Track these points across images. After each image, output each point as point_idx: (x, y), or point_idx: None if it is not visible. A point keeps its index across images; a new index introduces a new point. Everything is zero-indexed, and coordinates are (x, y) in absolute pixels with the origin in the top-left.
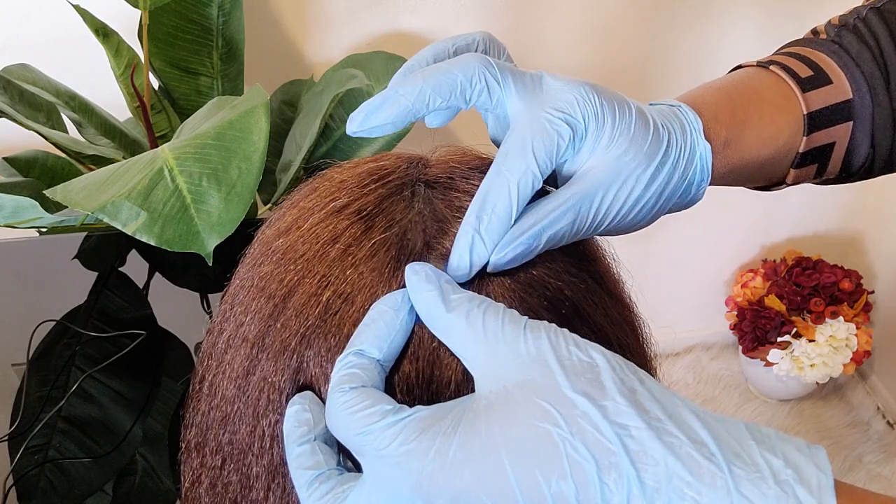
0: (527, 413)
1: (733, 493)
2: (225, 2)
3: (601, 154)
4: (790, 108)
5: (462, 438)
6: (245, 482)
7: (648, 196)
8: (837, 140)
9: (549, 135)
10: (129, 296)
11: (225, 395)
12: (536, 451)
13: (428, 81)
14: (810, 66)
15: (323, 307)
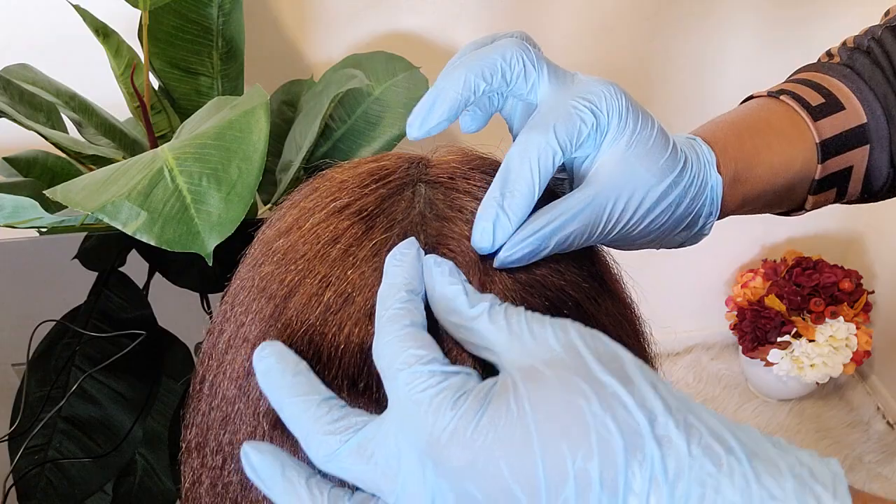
0: (558, 387)
1: (753, 486)
2: (225, 2)
3: (619, 155)
4: (802, 138)
5: (493, 407)
6: (245, 482)
7: (658, 212)
8: (855, 164)
9: (573, 118)
10: (129, 296)
11: (225, 396)
12: (565, 426)
13: (471, 69)
14: (821, 93)
15: (324, 307)
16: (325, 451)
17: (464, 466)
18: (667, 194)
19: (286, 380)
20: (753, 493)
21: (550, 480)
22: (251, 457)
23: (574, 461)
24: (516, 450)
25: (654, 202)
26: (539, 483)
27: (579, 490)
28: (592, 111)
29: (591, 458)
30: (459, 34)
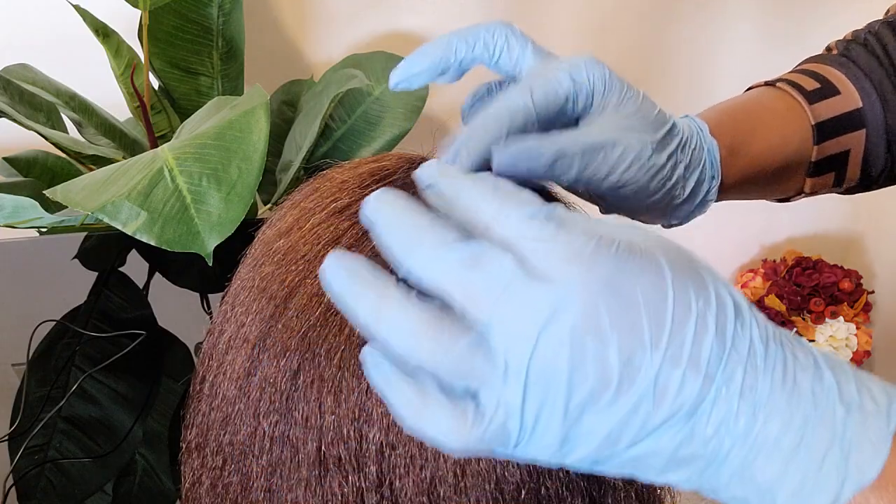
0: (673, 251)
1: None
2: (225, 2)
3: (610, 112)
4: (797, 119)
5: (628, 245)
6: (245, 483)
7: (661, 162)
8: (852, 148)
9: (549, 80)
10: (129, 296)
11: (226, 396)
12: (691, 273)
13: (454, 34)
14: (817, 80)
15: (325, 308)
16: (431, 253)
17: (602, 281)
18: (663, 147)
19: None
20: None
21: (676, 316)
22: (338, 261)
23: (697, 304)
24: (651, 280)
25: (653, 150)
26: (666, 316)
27: (697, 332)
28: (571, 76)
29: (710, 306)
30: None
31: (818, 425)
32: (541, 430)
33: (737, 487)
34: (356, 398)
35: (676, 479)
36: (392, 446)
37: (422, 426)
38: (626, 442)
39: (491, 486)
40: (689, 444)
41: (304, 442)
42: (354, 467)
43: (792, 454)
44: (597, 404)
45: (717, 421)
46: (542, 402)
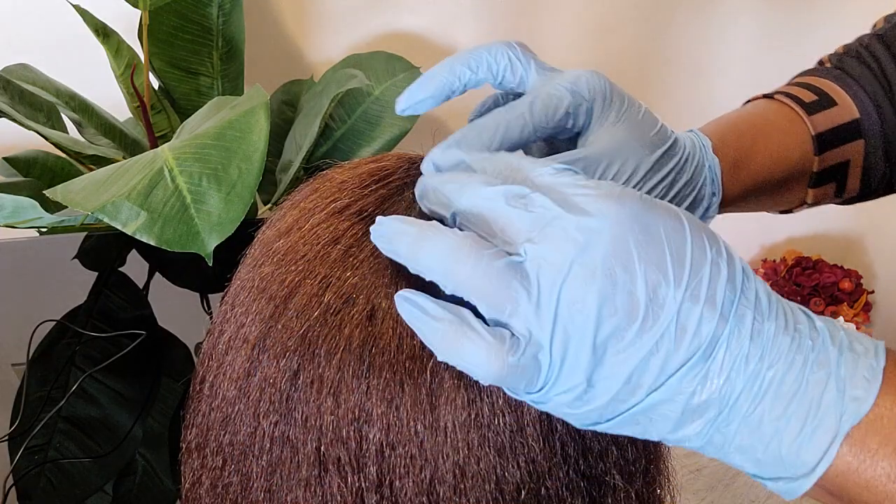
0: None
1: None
2: (225, 2)
3: (608, 129)
4: (798, 131)
5: (647, 198)
6: (245, 483)
7: (654, 182)
8: (851, 158)
9: (550, 96)
10: (129, 296)
11: (226, 397)
12: (702, 226)
13: (457, 59)
14: (814, 92)
15: (324, 308)
16: (479, 190)
17: (631, 215)
18: (661, 166)
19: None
20: (815, 321)
21: (695, 257)
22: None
23: (711, 250)
24: (672, 223)
25: (647, 171)
26: (686, 255)
27: (712, 274)
28: (571, 91)
29: (721, 255)
30: (459, 34)
31: (816, 365)
32: (567, 368)
33: (744, 436)
34: (356, 399)
35: (689, 433)
36: (392, 446)
37: (457, 351)
38: (646, 387)
39: (491, 487)
40: (703, 390)
41: (304, 442)
42: (354, 468)
43: (794, 394)
44: (622, 340)
45: (730, 363)
46: (571, 334)
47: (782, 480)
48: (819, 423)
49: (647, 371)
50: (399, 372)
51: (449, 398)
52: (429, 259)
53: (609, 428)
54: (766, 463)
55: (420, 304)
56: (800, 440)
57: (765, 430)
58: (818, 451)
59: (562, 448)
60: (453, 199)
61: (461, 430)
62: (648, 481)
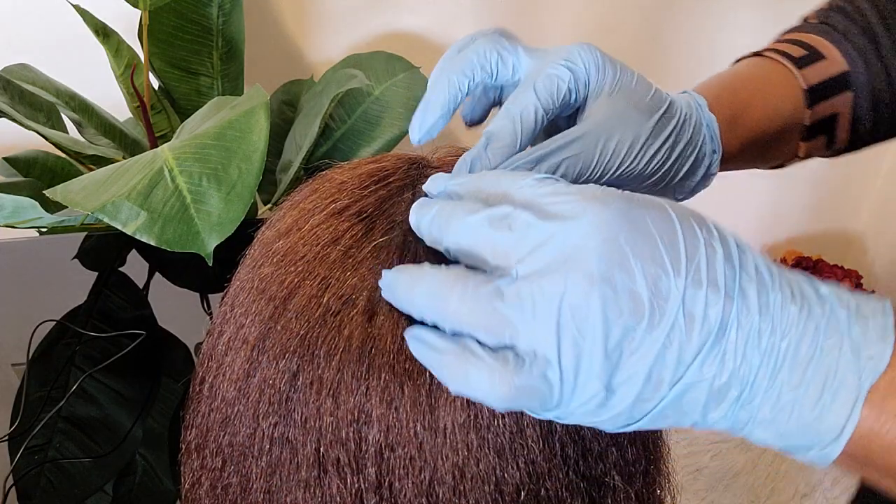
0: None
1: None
2: (225, 2)
3: (604, 100)
4: (789, 85)
5: (628, 194)
6: (245, 484)
7: (656, 147)
8: (841, 110)
9: (550, 76)
10: (129, 296)
11: (225, 397)
12: (687, 210)
13: (452, 72)
14: (803, 47)
15: (324, 309)
16: (461, 220)
17: (618, 214)
18: (660, 130)
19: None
20: (819, 286)
21: (688, 243)
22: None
23: (701, 232)
24: (658, 213)
25: (648, 136)
26: (679, 243)
27: (708, 256)
28: (568, 66)
29: (713, 234)
30: (459, 34)
31: (828, 331)
32: (583, 379)
33: (766, 410)
34: (355, 400)
35: (716, 417)
36: (391, 448)
37: (466, 381)
38: (668, 381)
39: (490, 488)
40: (722, 372)
41: (304, 443)
42: (353, 469)
43: (809, 361)
44: (633, 340)
45: (744, 340)
46: (580, 345)
47: (813, 450)
48: (839, 386)
49: (665, 365)
50: (399, 373)
51: (448, 399)
52: (420, 300)
53: (642, 426)
54: (793, 434)
55: (425, 340)
56: (821, 405)
57: (786, 400)
58: (842, 415)
59: (561, 449)
60: (442, 236)
61: (460, 431)
62: (648, 482)
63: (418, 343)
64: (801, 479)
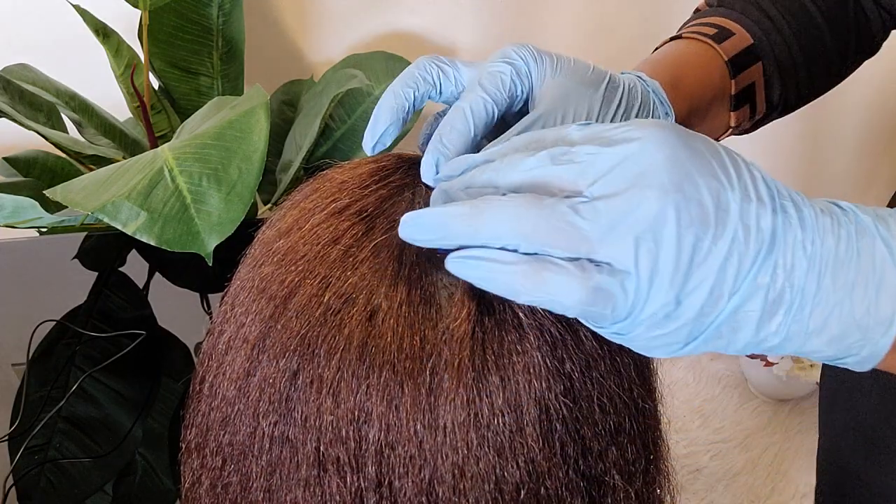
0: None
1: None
2: (225, 2)
3: (549, 83)
4: (713, 58)
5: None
6: (245, 483)
7: (611, 116)
8: (756, 79)
9: (492, 73)
10: (129, 296)
11: (225, 397)
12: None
13: (395, 85)
14: (712, 27)
15: (324, 308)
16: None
17: (674, 134)
18: (610, 99)
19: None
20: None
21: (731, 164)
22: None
23: (738, 157)
24: (702, 138)
25: (600, 106)
26: (727, 163)
27: (751, 176)
28: (506, 62)
29: (745, 161)
30: (459, 34)
31: (860, 234)
32: (657, 287)
33: (816, 317)
34: (355, 399)
35: (770, 331)
36: (391, 446)
37: (540, 286)
38: (727, 293)
39: (490, 487)
40: (776, 282)
41: (304, 442)
42: (353, 467)
43: (850, 262)
44: (701, 250)
45: (791, 249)
46: (656, 255)
47: (865, 348)
48: (882, 279)
49: (726, 276)
50: (399, 372)
51: (448, 398)
52: (492, 226)
53: (694, 349)
54: (843, 335)
55: (485, 256)
56: (867, 301)
57: (834, 301)
58: (889, 305)
59: (561, 448)
60: (497, 181)
61: (460, 430)
62: (648, 481)
63: (477, 262)
64: (801, 479)
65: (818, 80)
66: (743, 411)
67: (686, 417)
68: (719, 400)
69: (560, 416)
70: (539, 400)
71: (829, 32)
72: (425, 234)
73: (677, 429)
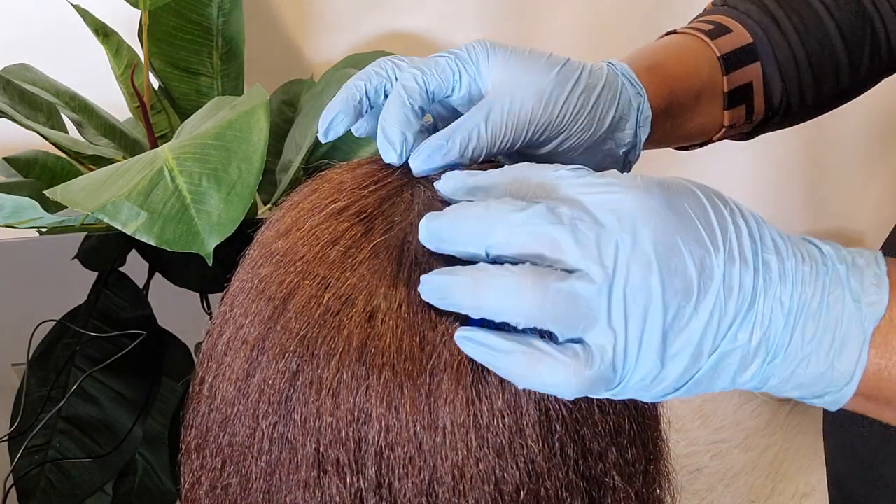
0: (685, 179)
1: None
2: (225, 2)
3: (500, 70)
4: (704, 51)
5: (658, 180)
6: (244, 484)
7: (565, 96)
8: (753, 79)
9: (433, 58)
10: (129, 296)
11: (225, 398)
12: (710, 190)
13: (351, 80)
14: (709, 24)
15: (323, 309)
16: (511, 218)
17: (661, 201)
18: (565, 80)
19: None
20: (821, 245)
21: (719, 223)
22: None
23: (726, 210)
24: (691, 197)
25: (552, 88)
26: (713, 223)
27: (736, 233)
28: (448, 52)
29: (734, 212)
30: (459, 34)
31: (832, 286)
32: (643, 359)
33: (786, 366)
34: (355, 400)
35: (745, 379)
36: (391, 448)
37: (536, 378)
38: (707, 351)
39: (490, 488)
40: (752, 338)
41: (303, 443)
42: (353, 469)
43: (820, 316)
44: (683, 317)
45: (769, 307)
46: (644, 327)
47: (828, 395)
48: (846, 334)
49: (707, 336)
50: (398, 373)
51: (448, 399)
52: (493, 302)
53: (678, 395)
54: (809, 384)
55: (485, 342)
56: (832, 354)
57: (802, 355)
58: (852, 359)
59: (561, 449)
60: (484, 236)
61: (460, 431)
62: (648, 482)
63: (477, 346)
64: (801, 479)
65: (825, 87)
66: (743, 411)
67: (686, 417)
68: (719, 400)
69: (559, 417)
70: (538, 401)
71: (840, 38)
72: (431, 299)
73: (677, 429)
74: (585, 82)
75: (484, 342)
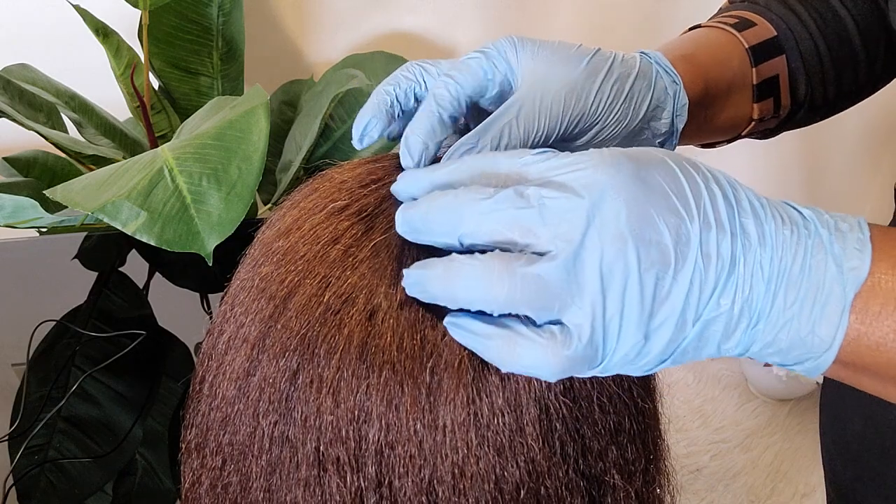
0: (655, 148)
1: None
2: (225, 2)
3: (529, 65)
4: (732, 43)
5: (628, 152)
6: (245, 483)
7: (598, 87)
8: (780, 72)
9: (461, 61)
10: (129, 296)
11: (225, 396)
12: (681, 157)
13: (380, 86)
14: (733, 18)
15: (324, 308)
16: (480, 207)
17: (631, 176)
18: (596, 71)
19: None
20: (802, 209)
21: (692, 191)
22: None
23: (699, 177)
24: (661, 167)
25: (584, 81)
26: (687, 192)
27: (711, 199)
28: (478, 51)
29: (708, 178)
30: (459, 34)
31: (814, 250)
32: (625, 334)
33: (768, 332)
34: (355, 398)
35: (730, 346)
36: (391, 446)
37: (516, 361)
38: (691, 320)
39: (490, 486)
40: (735, 304)
41: (303, 442)
42: (353, 467)
43: (801, 281)
44: (664, 287)
45: (750, 271)
46: (623, 302)
47: (808, 361)
48: (827, 299)
49: (689, 305)
50: (399, 371)
51: (448, 398)
52: (465, 293)
53: (666, 366)
54: (790, 350)
55: (469, 328)
56: (813, 319)
57: (784, 319)
58: (832, 324)
59: (561, 448)
60: (455, 226)
61: (460, 429)
62: (648, 481)
63: (462, 331)
64: (801, 479)
65: (845, 82)
66: (743, 411)
67: (686, 417)
68: (719, 400)
69: (560, 416)
70: (539, 399)
71: (858, 33)
72: (414, 294)
73: (677, 429)
74: (618, 71)
75: (468, 328)
